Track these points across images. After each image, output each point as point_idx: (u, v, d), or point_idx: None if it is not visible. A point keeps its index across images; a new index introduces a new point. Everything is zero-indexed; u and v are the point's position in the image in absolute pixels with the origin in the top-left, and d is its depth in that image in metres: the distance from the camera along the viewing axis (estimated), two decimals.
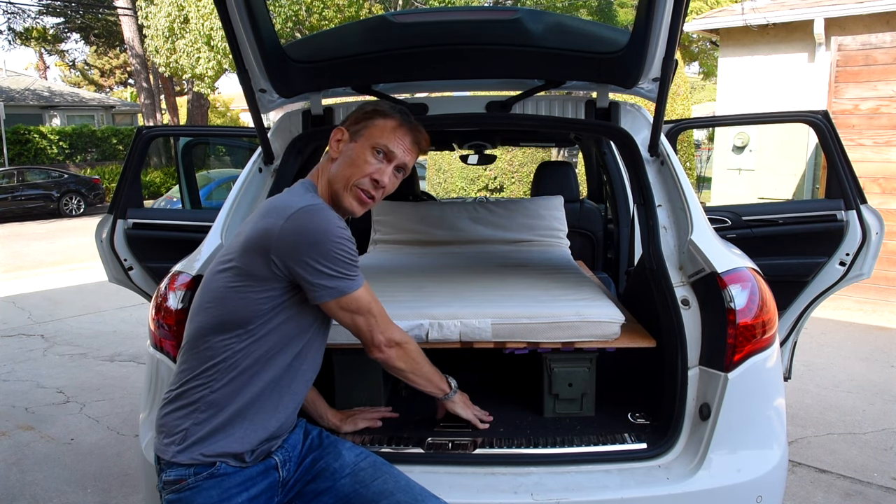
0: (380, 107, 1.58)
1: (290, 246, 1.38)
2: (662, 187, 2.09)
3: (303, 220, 1.39)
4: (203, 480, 1.39)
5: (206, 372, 1.42)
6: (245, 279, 1.41)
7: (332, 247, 1.40)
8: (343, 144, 1.56)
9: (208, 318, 1.44)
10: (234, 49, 1.96)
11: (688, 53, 25.41)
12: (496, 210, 3.42)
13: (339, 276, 1.42)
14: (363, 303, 1.49)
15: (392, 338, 1.57)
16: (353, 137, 1.55)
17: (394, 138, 1.54)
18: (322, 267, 1.40)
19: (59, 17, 28.99)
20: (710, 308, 1.79)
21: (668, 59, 1.91)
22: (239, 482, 1.42)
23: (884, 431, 3.53)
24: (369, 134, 1.53)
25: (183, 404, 1.43)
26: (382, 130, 1.53)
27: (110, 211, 3.05)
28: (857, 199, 2.75)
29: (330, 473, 1.54)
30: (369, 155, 1.52)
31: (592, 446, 1.80)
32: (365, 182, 1.52)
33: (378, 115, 1.55)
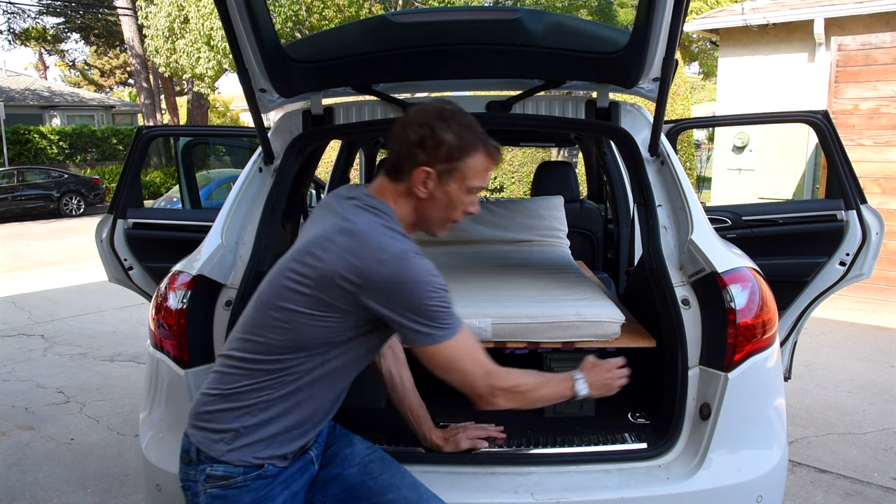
0: (464, 140, 1.44)
1: (385, 294, 1.33)
2: (662, 187, 2.09)
3: (399, 268, 1.33)
4: (252, 480, 1.39)
5: (267, 379, 1.40)
6: (326, 309, 1.36)
7: (428, 302, 1.35)
8: (433, 185, 1.44)
9: (280, 338, 1.39)
10: (234, 49, 1.96)
11: (688, 53, 25.41)
12: (496, 210, 3.42)
13: (429, 330, 1.36)
14: (455, 358, 1.41)
15: (496, 385, 1.45)
16: (443, 180, 1.44)
17: (485, 174, 1.50)
18: (415, 317, 1.35)
19: (59, 17, 29.01)
20: (711, 308, 1.79)
21: (668, 59, 1.91)
22: (282, 480, 1.43)
23: (884, 431, 3.53)
24: (463, 176, 1.45)
25: (236, 406, 1.40)
26: (476, 171, 1.47)
27: (110, 211, 3.05)
28: (857, 199, 2.75)
29: (340, 460, 1.55)
30: (465, 195, 1.48)
31: (592, 446, 1.80)
32: (459, 216, 1.52)
33: (466, 153, 1.44)
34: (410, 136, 1.43)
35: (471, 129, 1.46)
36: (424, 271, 1.36)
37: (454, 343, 1.39)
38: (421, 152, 1.42)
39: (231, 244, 2.04)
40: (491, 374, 1.44)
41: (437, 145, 1.42)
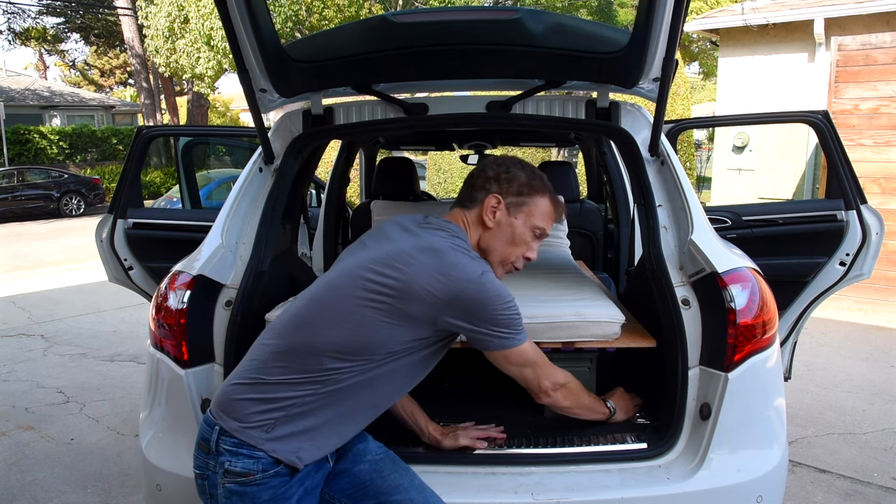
0: (534, 181, 1.63)
1: (469, 311, 1.45)
2: (662, 187, 2.08)
3: (483, 288, 1.45)
4: (270, 478, 1.40)
5: (312, 378, 1.41)
6: (400, 319, 1.42)
7: (505, 312, 1.49)
8: (501, 215, 1.61)
9: (343, 338, 1.42)
10: (235, 49, 1.95)
11: (688, 53, 25.41)
12: None
13: (508, 336, 1.52)
14: (528, 356, 1.58)
15: (557, 381, 1.65)
16: (510, 211, 1.61)
17: (550, 220, 1.65)
18: (495, 328, 1.49)
19: (59, 17, 29.01)
20: (711, 308, 1.79)
21: (669, 59, 1.91)
22: (299, 478, 1.44)
23: (884, 431, 3.53)
24: (529, 212, 1.61)
25: (273, 398, 1.41)
26: (543, 213, 1.63)
27: (110, 211, 3.05)
28: (857, 199, 2.74)
29: (352, 455, 1.56)
30: (529, 236, 1.62)
31: (593, 446, 1.80)
32: (519, 260, 1.63)
33: (536, 192, 1.63)
34: (488, 172, 1.64)
35: (541, 178, 1.65)
36: (500, 288, 1.50)
37: (528, 344, 1.57)
38: (494, 183, 1.62)
39: (231, 244, 2.04)
40: (554, 371, 1.64)
41: (509, 179, 1.62)
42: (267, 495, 1.40)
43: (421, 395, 2.18)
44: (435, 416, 2.03)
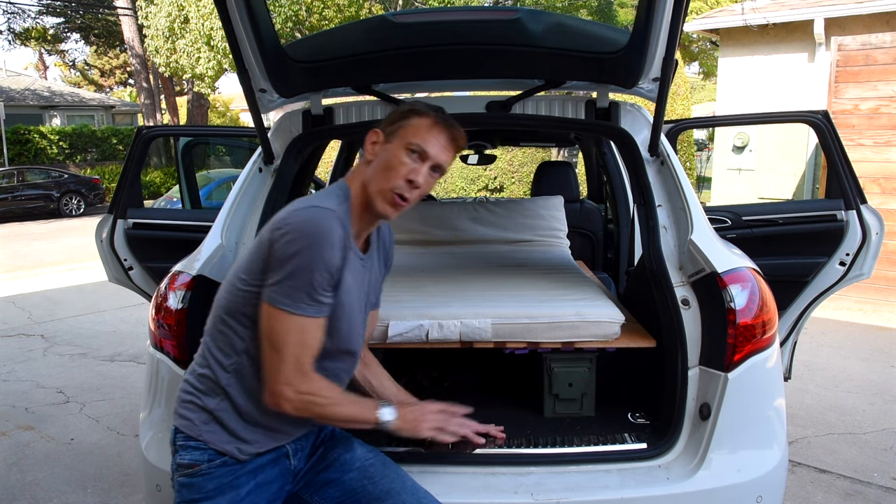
0: (416, 106, 1.53)
1: (278, 236, 1.34)
2: (662, 187, 2.09)
3: (302, 216, 1.35)
4: (216, 468, 1.41)
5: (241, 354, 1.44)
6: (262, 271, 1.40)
7: (300, 255, 1.32)
8: (378, 146, 1.51)
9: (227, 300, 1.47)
10: (234, 49, 1.96)
11: (688, 53, 25.41)
12: (496, 210, 3.42)
13: (280, 283, 1.33)
14: (281, 330, 1.34)
15: (299, 388, 1.37)
16: (387, 139, 1.50)
17: (429, 136, 1.47)
18: (278, 263, 1.34)
19: (58, 17, 29.00)
20: (710, 308, 1.79)
21: (668, 59, 1.91)
22: (249, 470, 1.44)
23: (884, 431, 3.53)
24: (404, 134, 1.48)
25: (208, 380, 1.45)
26: (417, 129, 1.48)
27: (110, 211, 3.05)
28: (857, 199, 2.75)
29: (340, 465, 1.55)
30: (404, 155, 1.46)
31: (592, 446, 1.80)
32: (400, 185, 1.46)
33: (413, 114, 1.51)
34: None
35: (431, 107, 1.53)
36: (322, 235, 1.33)
37: (294, 324, 1.34)
38: (381, 122, 1.54)
39: (231, 244, 2.04)
40: (304, 380, 1.37)
41: (393, 112, 1.54)
42: (212, 485, 1.40)
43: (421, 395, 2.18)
44: None
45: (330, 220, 1.35)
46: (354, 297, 1.48)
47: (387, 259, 1.72)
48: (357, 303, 1.50)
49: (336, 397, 1.44)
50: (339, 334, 1.45)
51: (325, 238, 1.34)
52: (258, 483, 1.44)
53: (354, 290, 1.47)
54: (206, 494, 1.41)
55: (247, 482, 1.43)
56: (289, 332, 1.34)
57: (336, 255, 1.36)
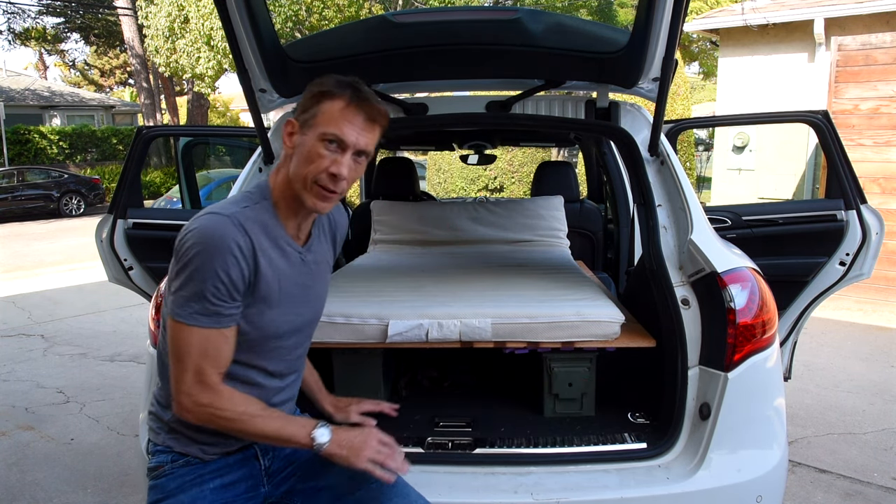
0: (325, 86, 1.36)
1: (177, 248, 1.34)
2: (662, 187, 2.09)
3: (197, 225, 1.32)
4: (179, 468, 1.43)
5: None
6: None
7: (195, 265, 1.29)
8: (296, 137, 1.38)
9: None
10: (234, 49, 1.96)
11: (688, 53, 25.41)
12: (496, 210, 3.42)
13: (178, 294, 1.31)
14: (179, 341, 1.32)
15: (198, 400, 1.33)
16: (303, 128, 1.37)
17: (343, 122, 1.34)
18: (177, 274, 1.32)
19: (58, 17, 29.01)
20: (710, 308, 1.79)
21: (668, 59, 1.91)
22: (213, 469, 1.45)
23: (884, 431, 3.53)
24: (317, 122, 1.35)
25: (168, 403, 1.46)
26: (330, 116, 1.34)
27: (110, 211, 3.05)
28: (857, 199, 2.75)
29: (326, 471, 1.52)
30: (322, 147, 1.34)
31: (592, 446, 1.80)
32: (323, 178, 1.36)
33: (324, 97, 1.35)
34: None
35: (342, 83, 1.36)
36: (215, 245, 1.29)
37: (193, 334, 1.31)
38: (296, 110, 1.41)
39: None
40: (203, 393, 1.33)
41: (305, 96, 1.38)
42: (174, 484, 1.42)
43: (421, 395, 2.18)
44: (434, 415, 2.03)
45: (224, 228, 1.30)
46: (285, 292, 1.43)
47: (335, 239, 1.64)
48: (291, 297, 1.45)
49: (250, 412, 1.35)
50: (267, 330, 1.42)
51: (218, 248, 1.29)
52: (224, 483, 1.44)
53: (286, 286, 1.43)
54: (169, 493, 1.41)
55: (211, 480, 1.43)
56: (188, 343, 1.32)
57: (233, 261, 1.30)
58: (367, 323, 1.92)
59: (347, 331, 1.92)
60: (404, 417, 2.02)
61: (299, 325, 1.51)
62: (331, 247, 1.63)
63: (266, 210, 1.41)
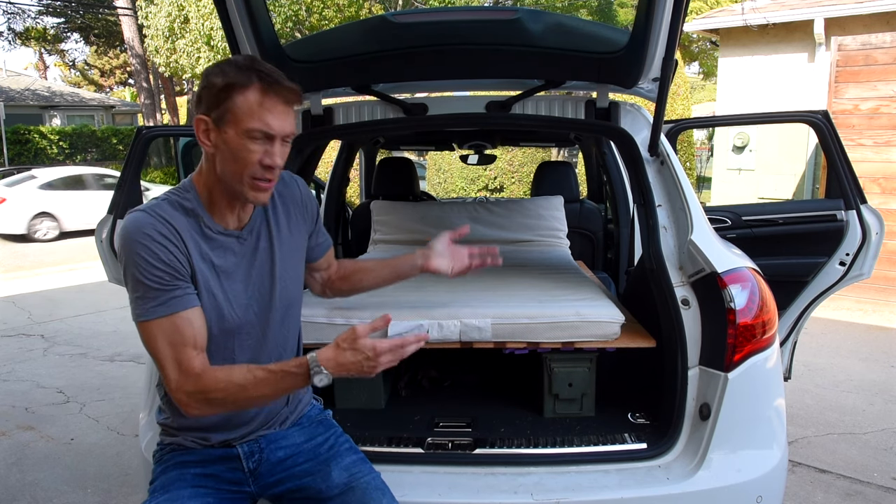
0: (228, 77, 1.30)
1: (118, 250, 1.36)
2: (662, 187, 2.08)
3: (122, 227, 1.33)
4: (167, 454, 1.53)
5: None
6: None
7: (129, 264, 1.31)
8: (213, 135, 1.33)
9: None
10: (234, 49, 1.96)
11: (688, 53, 25.41)
12: (496, 210, 3.42)
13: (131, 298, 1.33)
14: (149, 339, 1.34)
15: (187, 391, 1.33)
16: (218, 124, 1.32)
17: (264, 113, 1.30)
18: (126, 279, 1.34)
19: (59, 17, 29.01)
20: (710, 308, 1.79)
21: (668, 59, 1.91)
22: (195, 459, 1.50)
23: (884, 431, 3.53)
24: (234, 118, 1.30)
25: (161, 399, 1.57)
26: (249, 110, 1.30)
27: (110, 211, 3.05)
28: (857, 199, 2.75)
29: (315, 492, 1.50)
30: (248, 143, 1.31)
31: (592, 446, 1.80)
32: (258, 172, 1.34)
33: (234, 90, 1.30)
34: (196, 91, 1.36)
35: (246, 69, 1.31)
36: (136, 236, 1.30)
37: (153, 326, 1.31)
38: (199, 104, 1.34)
39: None
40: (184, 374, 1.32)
41: (207, 91, 1.32)
42: (160, 468, 1.51)
43: (421, 395, 2.18)
44: (434, 415, 2.03)
45: (142, 220, 1.32)
46: (224, 277, 1.42)
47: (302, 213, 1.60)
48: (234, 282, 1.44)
49: (238, 383, 1.32)
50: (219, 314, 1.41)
51: (140, 239, 1.30)
52: (206, 472, 1.49)
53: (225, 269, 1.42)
54: (156, 476, 1.51)
55: (192, 467, 1.49)
56: (155, 339, 1.32)
57: (160, 246, 1.31)
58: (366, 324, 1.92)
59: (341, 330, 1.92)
60: (404, 417, 2.02)
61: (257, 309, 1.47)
62: (287, 218, 1.55)
63: (190, 200, 1.40)
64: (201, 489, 1.45)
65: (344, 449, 1.58)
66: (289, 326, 1.57)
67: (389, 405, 2.16)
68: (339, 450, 1.58)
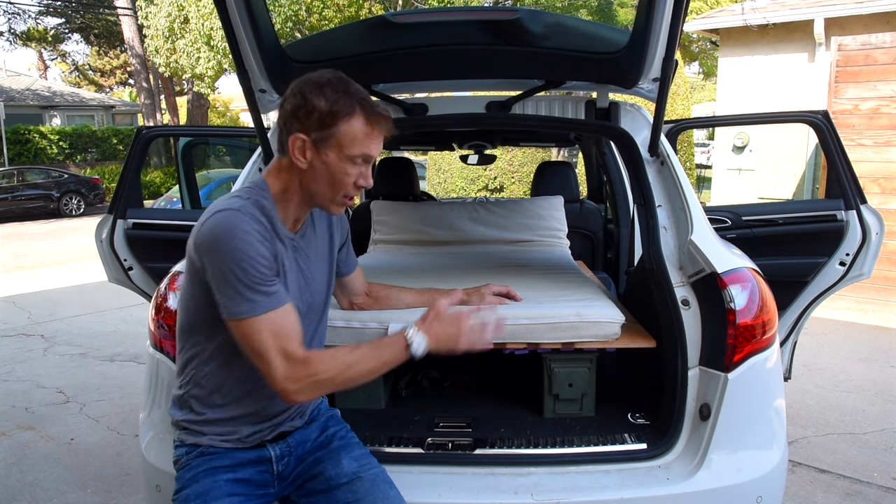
0: (333, 102, 1.36)
1: (202, 251, 1.34)
2: (662, 187, 2.09)
3: (211, 224, 1.33)
4: (193, 458, 1.47)
5: (189, 371, 1.49)
6: (191, 283, 1.42)
7: (230, 261, 1.30)
8: (310, 154, 1.40)
9: (180, 319, 1.49)
10: (234, 49, 1.96)
11: (688, 53, 25.41)
12: (496, 210, 3.42)
13: (230, 296, 1.32)
14: (252, 334, 1.33)
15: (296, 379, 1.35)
16: (318, 146, 1.38)
17: (368, 142, 1.40)
18: (216, 280, 1.33)
19: (59, 17, 29.02)
20: (710, 308, 1.79)
21: (668, 59, 1.91)
22: (227, 464, 1.46)
23: (884, 431, 3.53)
24: (339, 144, 1.38)
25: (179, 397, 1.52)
26: (353, 138, 1.38)
27: (110, 211, 3.05)
28: (857, 199, 2.75)
29: (325, 479, 1.53)
30: (349, 167, 1.40)
31: (592, 447, 1.80)
32: (350, 191, 1.43)
33: (339, 118, 1.37)
34: (287, 106, 1.41)
35: (347, 94, 1.38)
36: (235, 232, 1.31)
37: (259, 322, 1.33)
38: (295, 121, 1.39)
39: None
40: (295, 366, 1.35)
41: (308, 113, 1.37)
42: (190, 474, 1.46)
43: (421, 395, 2.17)
44: (434, 416, 2.03)
45: (236, 218, 1.33)
46: (291, 275, 1.47)
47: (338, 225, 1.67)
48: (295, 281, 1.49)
49: (345, 361, 1.39)
50: None
51: (239, 237, 1.31)
52: (237, 477, 1.46)
53: (286, 269, 1.46)
54: (185, 483, 1.45)
55: (224, 472, 1.46)
56: (260, 333, 1.33)
57: (259, 245, 1.33)
58: (367, 326, 1.92)
59: (347, 334, 1.92)
60: (404, 418, 2.02)
61: (303, 310, 1.52)
62: (327, 228, 1.62)
63: (268, 200, 1.43)
64: (236, 497, 1.44)
65: (353, 442, 1.63)
66: (322, 329, 1.63)
67: (389, 405, 2.16)
68: (349, 442, 1.62)
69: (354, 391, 2.08)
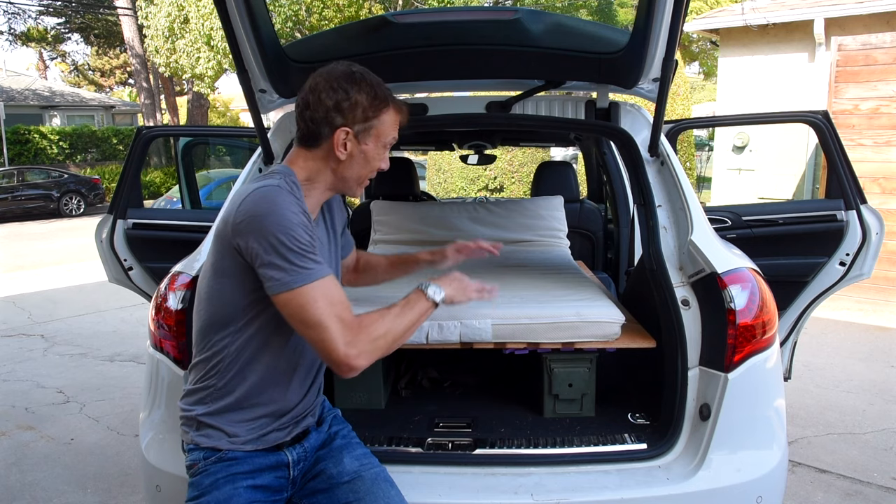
0: (372, 95, 1.47)
1: (243, 229, 1.33)
2: (662, 187, 2.09)
3: (252, 201, 1.34)
4: (212, 464, 1.44)
5: (211, 366, 1.46)
6: (219, 276, 1.41)
7: (278, 231, 1.31)
8: (351, 146, 1.46)
9: (201, 319, 1.47)
10: (234, 49, 1.96)
11: (688, 53, 25.42)
12: (496, 210, 3.42)
13: (280, 267, 1.31)
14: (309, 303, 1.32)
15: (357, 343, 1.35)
16: (360, 139, 1.47)
17: (395, 129, 1.54)
18: (263, 255, 1.31)
19: (59, 17, 29.01)
20: (710, 308, 1.79)
21: (668, 59, 1.91)
22: (246, 470, 1.44)
23: (884, 431, 3.53)
24: (377, 133, 1.49)
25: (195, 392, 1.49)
26: (387, 128, 1.51)
27: (110, 211, 3.05)
28: (857, 199, 2.75)
29: (327, 477, 1.54)
30: (383, 152, 1.53)
31: (592, 447, 1.80)
32: (374, 173, 1.55)
33: (382, 109, 1.49)
34: (326, 101, 1.45)
35: (379, 86, 1.50)
36: (282, 205, 1.33)
37: (314, 289, 1.32)
38: (338, 115, 1.45)
39: None
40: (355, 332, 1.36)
41: (353, 107, 1.46)
42: (209, 480, 1.43)
43: (421, 395, 2.18)
44: (434, 416, 2.03)
45: (276, 193, 1.36)
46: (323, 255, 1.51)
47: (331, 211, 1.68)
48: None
49: (387, 320, 1.43)
50: None
51: (284, 209, 1.33)
52: (256, 484, 1.45)
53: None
54: (204, 490, 1.43)
55: (243, 479, 1.43)
56: (316, 301, 1.32)
57: (302, 216, 1.36)
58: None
59: None
60: (404, 417, 2.02)
61: None
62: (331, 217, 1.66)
63: (297, 185, 1.45)
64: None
65: (355, 442, 1.64)
66: None
67: (389, 405, 2.16)
68: (350, 441, 1.63)
69: (354, 391, 2.09)
